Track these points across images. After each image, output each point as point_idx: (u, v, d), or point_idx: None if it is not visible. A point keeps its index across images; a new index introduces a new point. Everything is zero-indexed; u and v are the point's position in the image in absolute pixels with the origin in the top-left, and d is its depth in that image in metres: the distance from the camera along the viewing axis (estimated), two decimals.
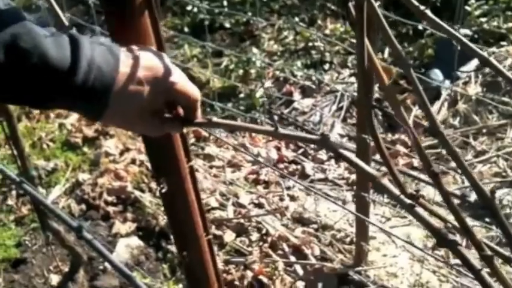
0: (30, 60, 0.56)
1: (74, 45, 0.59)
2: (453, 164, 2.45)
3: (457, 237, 0.70)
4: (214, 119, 0.72)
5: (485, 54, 0.66)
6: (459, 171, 2.45)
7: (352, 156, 0.77)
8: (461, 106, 2.58)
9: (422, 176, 2.24)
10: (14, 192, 2.31)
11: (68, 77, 0.58)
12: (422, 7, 0.60)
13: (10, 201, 2.27)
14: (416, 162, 2.50)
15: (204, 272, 1.14)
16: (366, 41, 0.60)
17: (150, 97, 0.64)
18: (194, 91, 0.68)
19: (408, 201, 0.76)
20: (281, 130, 0.77)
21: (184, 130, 0.76)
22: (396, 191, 0.76)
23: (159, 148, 0.87)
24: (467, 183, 2.35)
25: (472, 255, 0.69)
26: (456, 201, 2.27)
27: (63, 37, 0.59)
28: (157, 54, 0.67)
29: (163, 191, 0.94)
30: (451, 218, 0.70)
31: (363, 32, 0.58)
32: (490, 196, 0.67)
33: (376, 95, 2.74)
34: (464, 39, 0.64)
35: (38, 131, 2.69)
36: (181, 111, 0.68)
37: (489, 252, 0.73)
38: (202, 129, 2.43)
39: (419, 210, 0.77)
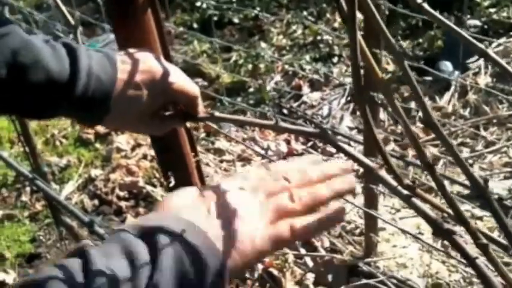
0: (32, 76, 0.56)
1: (71, 56, 0.59)
2: (464, 155, 2.46)
3: (458, 228, 0.72)
4: (216, 113, 0.74)
5: (482, 46, 0.67)
6: (470, 161, 2.45)
7: (350, 149, 0.79)
8: (471, 97, 2.57)
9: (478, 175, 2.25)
10: (28, 189, 2.35)
11: (68, 89, 0.58)
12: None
13: (24, 198, 2.32)
14: (427, 153, 2.50)
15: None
16: (359, 36, 0.61)
17: (149, 100, 0.64)
18: (192, 88, 0.69)
19: (405, 192, 0.77)
20: (281, 123, 0.78)
21: (188, 125, 0.78)
22: (393, 182, 0.77)
23: (165, 144, 0.89)
24: (477, 173, 2.35)
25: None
26: (466, 191, 2.28)
27: (60, 48, 0.59)
28: (154, 56, 0.67)
29: (171, 185, 0.97)
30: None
31: (355, 27, 0.59)
32: (483, 185, 0.68)
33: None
34: (462, 32, 0.64)
35: (50, 128, 2.73)
36: (181, 108, 0.70)
37: (484, 241, 0.74)
38: (211, 123, 2.45)
39: (417, 201, 0.78)
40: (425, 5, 0.66)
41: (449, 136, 2.48)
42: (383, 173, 0.79)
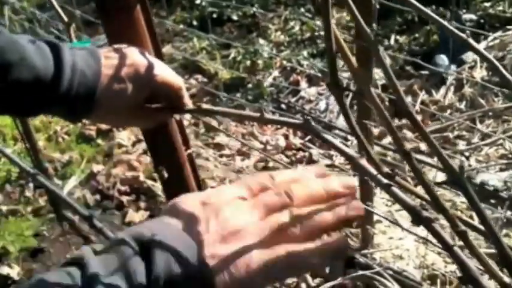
0: (18, 73, 0.57)
1: (55, 53, 0.60)
2: (460, 147, 2.48)
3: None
4: (203, 105, 0.76)
5: (463, 35, 0.69)
6: (466, 153, 2.48)
7: (332, 139, 0.82)
8: (467, 90, 2.60)
9: (430, 160, 2.27)
10: (31, 185, 2.39)
11: (53, 84, 0.59)
12: None
13: (27, 193, 2.36)
14: (423, 146, 2.52)
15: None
16: (333, 26, 0.62)
17: (134, 93, 0.65)
18: (176, 80, 0.70)
19: (385, 180, 0.80)
20: (266, 115, 0.81)
21: (178, 117, 0.81)
22: (373, 171, 0.80)
23: (156, 137, 0.91)
24: (473, 166, 2.38)
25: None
26: None
27: (44, 46, 0.61)
28: (139, 50, 0.68)
29: (164, 178, 1.00)
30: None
31: (328, 16, 0.60)
32: (458, 171, 0.70)
33: (383, 81, 2.78)
34: (452, 27, 0.66)
35: (53, 124, 2.77)
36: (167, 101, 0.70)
37: (463, 228, 0.76)
38: (211, 118, 2.49)
39: (396, 190, 0.81)
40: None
41: (445, 129, 2.51)
42: (363, 162, 0.82)
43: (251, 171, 2.41)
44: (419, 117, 2.70)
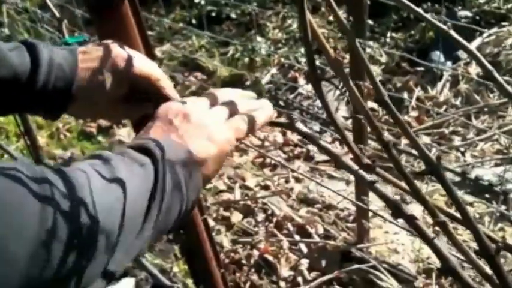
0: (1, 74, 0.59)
1: (32, 50, 0.62)
2: (456, 143, 2.51)
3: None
4: (186, 99, 0.77)
5: (444, 27, 0.70)
6: (461, 149, 2.51)
7: (316, 137, 0.85)
8: (462, 86, 2.63)
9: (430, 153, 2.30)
10: None
11: (30, 80, 0.61)
12: None
13: None
14: (420, 141, 2.55)
15: (201, 250, 1.19)
16: (308, 16, 0.64)
17: (114, 86, 0.66)
18: (154, 72, 0.69)
19: (368, 177, 0.82)
20: None
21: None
22: (355, 167, 0.82)
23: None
24: (468, 161, 2.41)
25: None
26: (457, 178, 2.33)
27: (19, 45, 0.63)
28: (118, 44, 0.68)
29: None
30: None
31: (303, 7, 0.61)
32: (435, 161, 0.72)
33: (380, 78, 2.81)
34: (441, 25, 0.67)
35: (55, 122, 2.81)
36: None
37: (443, 218, 0.79)
38: None
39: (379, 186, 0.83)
40: None
41: (441, 125, 2.54)
42: (347, 159, 0.84)
43: (249, 167, 2.44)
44: (415, 114, 2.73)
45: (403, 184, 0.77)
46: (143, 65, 0.68)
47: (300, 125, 0.82)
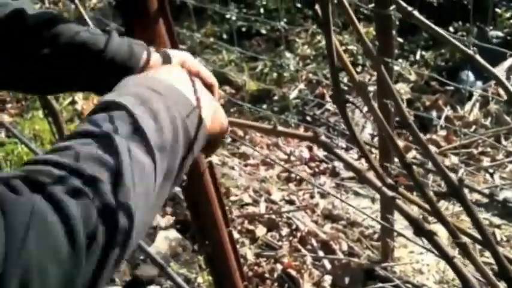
0: (72, 50, 0.66)
1: (106, 32, 0.69)
2: (484, 164, 2.48)
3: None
4: None
5: (487, 65, 0.68)
6: (490, 170, 2.48)
7: (341, 152, 0.87)
8: (492, 107, 2.60)
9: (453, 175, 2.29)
10: None
11: (100, 51, 0.67)
12: (410, 8, 0.60)
13: None
14: (447, 161, 2.53)
15: (225, 262, 1.20)
16: (334, 40, 0.66)
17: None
18: (211, 76, 0.74)
19: (390, 193, 0.83)
20: (279, 128, 0.87)
21: None
22: (378, 183, 0.84)
23: None
24: (497, 182, 2.38)
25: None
26: (485, 199, 2.30)
27: (97, 29, 0.70)
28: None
29: (184, 184, 1.05)
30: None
31: (330, 31, 0.63)
32: (457, 184, 0.73)
33: (408, 96, 2.80)
34: (446, 34, 0.66)
35: None
36: None
37: (465, 240, 0.79)
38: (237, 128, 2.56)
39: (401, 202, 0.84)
40: (416, 13, 0.67)
41: (470, 145, 2.51)
42: (370, 175, 0.86)
43: (275, 181, 2.46)
44: (443, 133, 2.71)
45: (425, 204, 0.78)
46: (206, 70, 0.73)
47: (324, 139, 0.84)
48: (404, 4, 0.61)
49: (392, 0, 0.62)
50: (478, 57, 0.67)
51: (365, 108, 2.74)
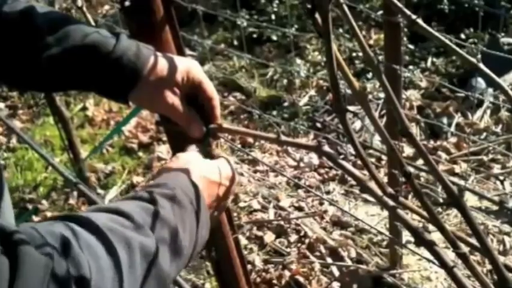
0: (80, 49, 0.68)
1: (115, 34, 0.71)
2: (495, 171, 2.47)
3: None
4: (225, 124, 0.83)
5: (492, 74, 0.68)
6: (500, 177, 2.46)
7: (343, 162, 0.87)
8: (503, 114, 2.59)
9: (462, 182, 2.27)
10: (75, 193, 2.53)
11: (108, 51, 0.69)
12: (414, 16, 0.60)
13: (71, 201, 2.50)
14: (458, 168, 2.52)
15: (231, 268, 1.21)
16: (334, 48, 0.66)
17: (175, 84, 0.73)
18: (214, 92, 0.77)
19: (391, 202, 0.84)
20: (282, 137, 0.87)
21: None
22: (379, 193, 0.84)
23: (181, 146, 0.96)
24: (507, 190, 2.36)
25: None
26: (495, 207, 2.29)
27: (106, 31, 0.72)
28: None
29: None
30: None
31: (330, 40, 0.62)
32: (457, 194, 0.74)
33: (419, 102, 2.79)
34: (451, 43, 0.67)
35: (99, 136, 2.92)
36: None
37: (464, 250, 0.79)
38: (247, 136, 2.57)
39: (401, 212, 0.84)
40: (420, 21, 0.67)
41: (480, 152, 2.50)
42: (371, 184, 0.86)
43: (284, 187, 2.47)
44: (454, 140, 2.69)
45: (420, 211, 0.79)
46: (209, 83, 0.76)
47: (327, 149, 0.85)
48: (408, 12, 0.61)
49: (397, 8, 0.62)
50: (481, 65, 0.68)
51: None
